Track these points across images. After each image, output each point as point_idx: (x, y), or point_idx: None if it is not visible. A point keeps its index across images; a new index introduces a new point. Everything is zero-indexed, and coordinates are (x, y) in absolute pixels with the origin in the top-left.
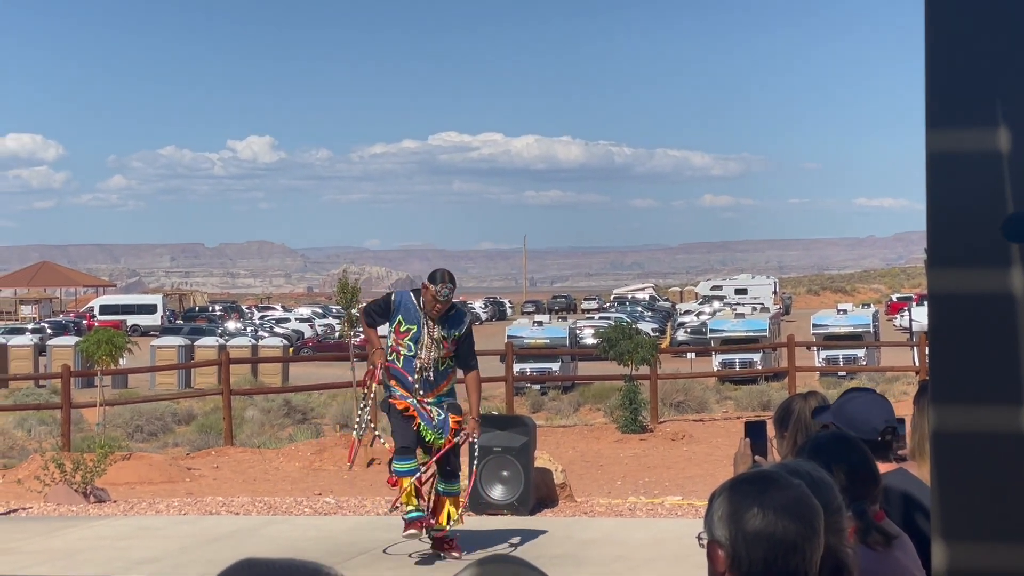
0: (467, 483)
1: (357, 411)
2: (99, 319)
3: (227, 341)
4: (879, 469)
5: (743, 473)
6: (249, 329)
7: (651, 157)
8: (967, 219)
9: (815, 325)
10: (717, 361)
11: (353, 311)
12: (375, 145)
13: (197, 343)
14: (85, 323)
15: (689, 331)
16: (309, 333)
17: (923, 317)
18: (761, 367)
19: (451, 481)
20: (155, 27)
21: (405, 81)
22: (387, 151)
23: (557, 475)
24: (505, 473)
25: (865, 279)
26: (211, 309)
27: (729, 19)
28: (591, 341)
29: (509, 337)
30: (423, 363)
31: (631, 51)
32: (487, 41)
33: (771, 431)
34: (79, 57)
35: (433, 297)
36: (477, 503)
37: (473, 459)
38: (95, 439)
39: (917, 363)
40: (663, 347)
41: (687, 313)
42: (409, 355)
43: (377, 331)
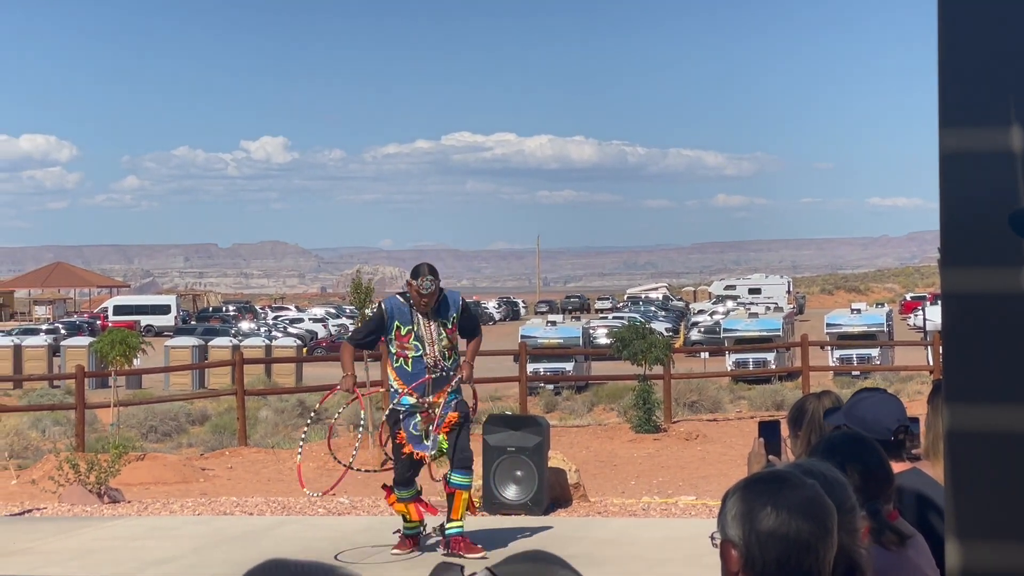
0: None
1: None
2: (113, 319)
3: (241, 341)
4: (893, 469)
5: (756, 473)
6: (263, 329)
7: (664, 157)
8: (980, 218)
9: (829, 325)
10: (731, 361)
11: (367, 311)
12: (388, 145)
13: (211, 343)
14: (99, 323)
15: (703, 331)
16: (323, 333)
17: (937, 316)
18: (775, 367)
19: (464, 472)
20: (168, 28)
21: (418, 81)
22: (400, 151)
23: (571, 475)
24: (519, 473)
25: (879, 278)
26: (225, 309)
27: (743, 18)
28: (604, 341)
29: (522, 337)
30: (431, 358)
31: (644, 50)
32: (500, 41)
33: (785, 431)
34: (92, 58)
35: (417, 292)
36: (491, 503)
37: (452, 396)
38: (109, 439)
39: (931, 362)
40: (676, 347)
41: (701, 313)
42: (417, 355)
43: (354, 352)
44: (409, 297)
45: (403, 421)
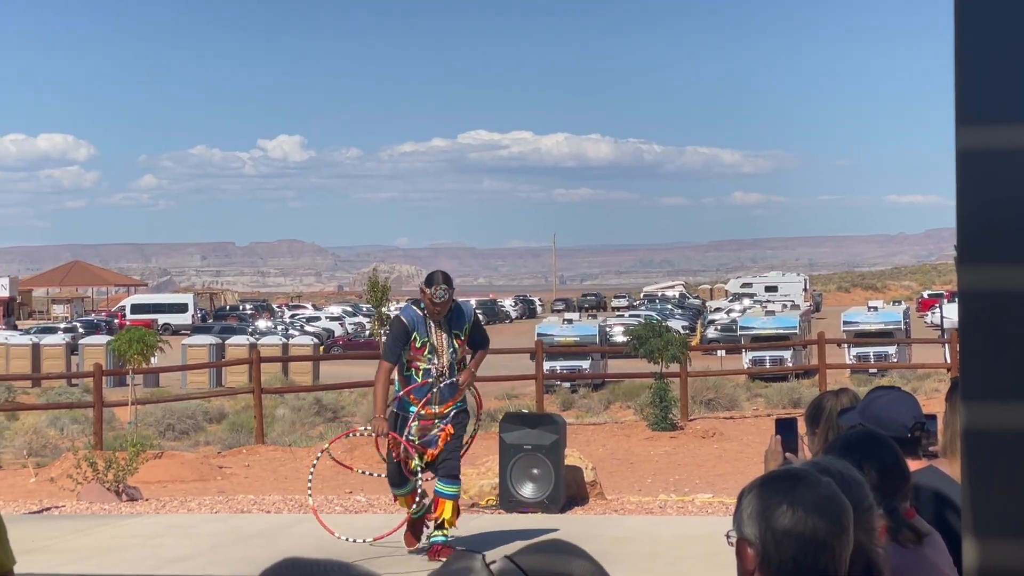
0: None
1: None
2: (130, 318)
3: (258, 340)
4: (909, 466)
5: (772, 471)
6: (280, 328)
7: (681, 154)
8: (998, 216)
9: (846, 322)
10: (747, 359)
11: (384, 310)
12: (405, 144)
13: (228, 342)
14: (117, 322)
15: (719, 329)
16: (339, 332)
17: (954, 314)
18: (791, 364)
19: (450, 482)
20: (185, 27)
21: (434, 80)
22: (416, 149)
23: (587, 473)
24: (535, 471)
25: (896, 276)
26: (242, 308)
27: (761, 15)
28: (621, 339)
29: (539, 335)
30: (439, 369)
31: (661, 48)
32: (516, 39)
33: (802, 428)
34: (109, 58)
35: (431, 300)
36: (508, 501)
37: (455, 407)
38: (127, 438)
39: (948, 360)
40: (693, 345)
41: (717, 311)
42: (427, 367)
43: (390, 374)
44: (423, 305)
45: (400, 428)
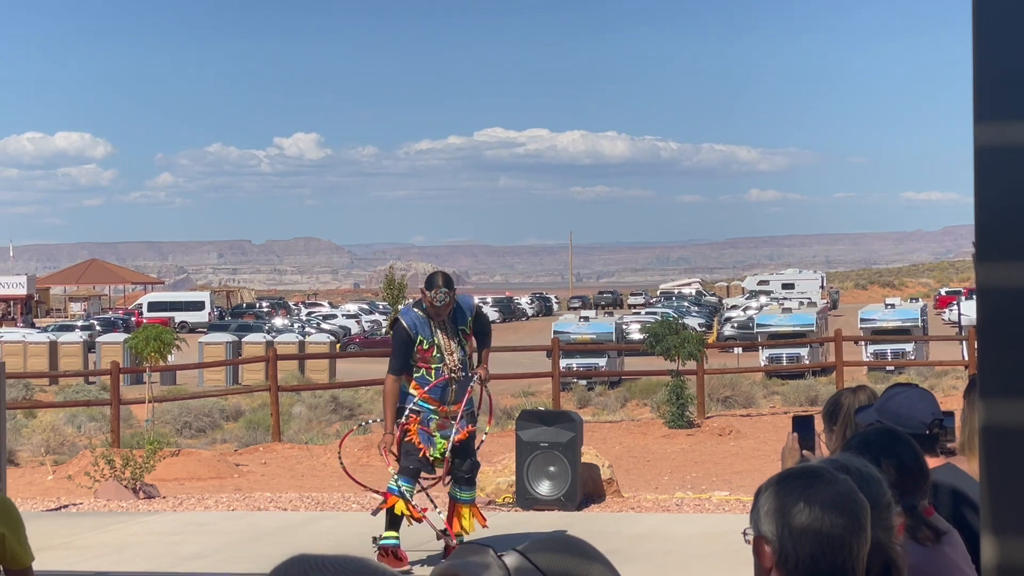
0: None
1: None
2: (147, 316)
3: (274, 338)
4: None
5: (789, 468)
6: (296, 326)
7: (697, 152)
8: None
9: (863, 320)
10: (764, 356)
11: (399, 306)
12: (421, 141)
13: (245, 340)
14: (134, 320)
15: (736, 326)
16: (356, 329)
17: (972, 311)
18: (808, 362)
19: (467, 487)
20: (201, 25)
21: (451, 77)
22: (433, 147)
23: (604, 470)
24: (552, 469)
25: (913, 273)
26: (258, 306)
27: (775, 13)
28: (637, 336)
29: (555, 333)
30: (450, 367)
31: (677, 45)
32: (532, 37)
33: (819, 426)
34: (126, 56)
35: (431, 303)
36: (524, 498)
37: (468, 406)
38: (144, 435)
39: (966, 357)
40: (710, 342)
41: (734, 308)
42: (439, 367)
43: (399, 386)
44: (424, 306)
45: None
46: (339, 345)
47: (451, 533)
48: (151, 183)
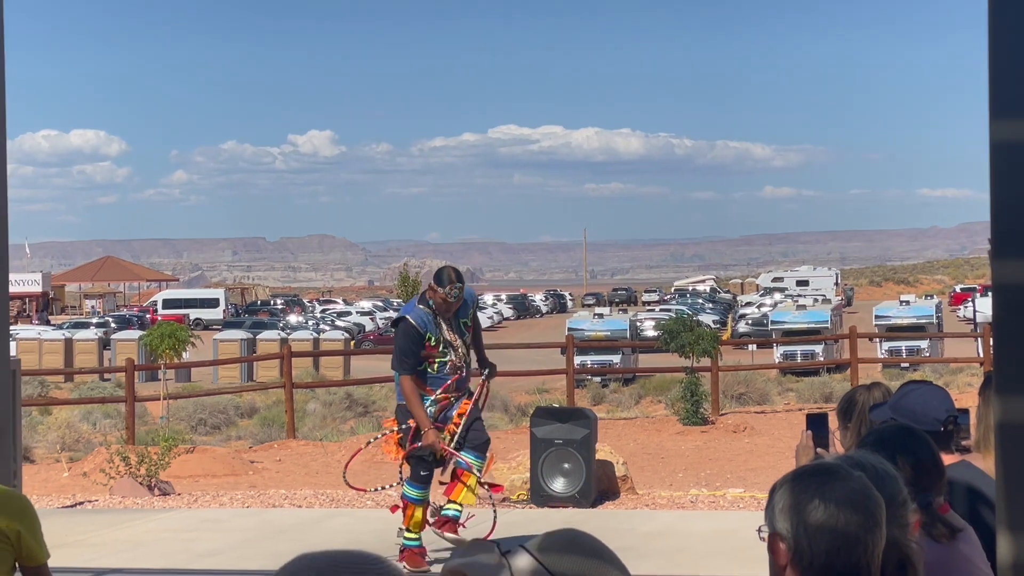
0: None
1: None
2: (162, 313)
3: (289, 335)
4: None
5: (804, 466)
6: (311, 323)
7: (711, 149)
8: None
9: (877, 316)
10: (779, 353)
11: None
12: (435, 139)
13: (259, 337)
14: (148, 317)
15: (750, 323)
16: (370, 326)
17: (987, 308)
18: (823, 359)
19: (478, 454)
20: (216, 23)
21: (465, 74)
22: (447, 144)
23: (618, 467)
24: (566, 465)
25: (928, 270)
26: (273, 303)
27: (789, 8)
28: (652, 333)
29: (570, 329)
30: (455, 363)
31: (689, 41)
32: (545, 34)
33: (833, 423)
34: (141, 54)
35: (444, 300)
36: (539, 495)
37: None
38: (159, 432)
39: (981, 354)
40: (724, 339)
41: (748, 305)
42: (443, 360)
43: (417, 389)
44: (431, 303)
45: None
46: (353, 342)
47: (448, 495)
48: (166, 180)
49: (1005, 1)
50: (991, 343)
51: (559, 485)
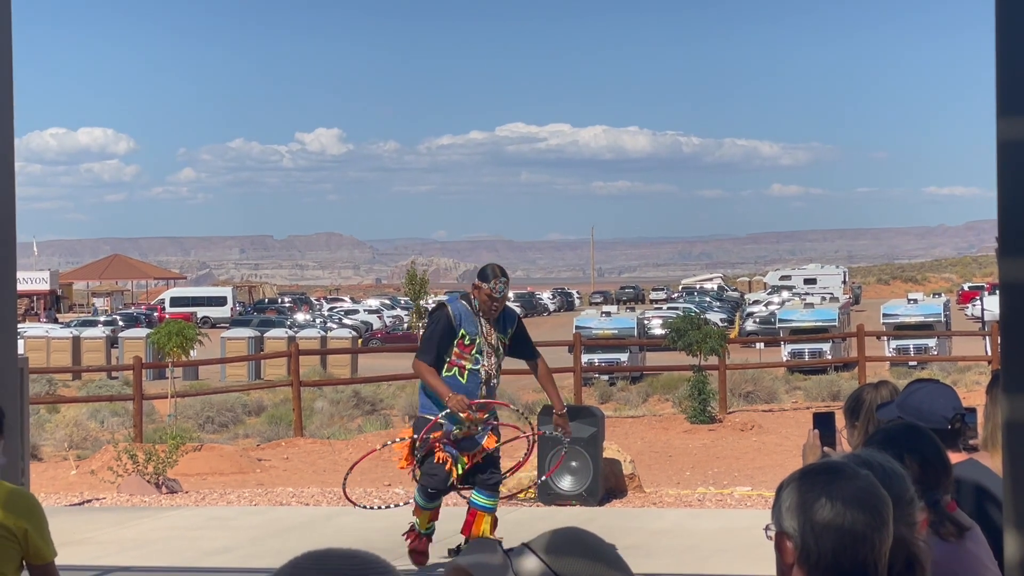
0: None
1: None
2: (170, 311)
3: (296, 333)
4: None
5: (811, 464)
6: (318, 321)
7: (719, 147)
8: None
9: (885, 315)
10: (786, 351)
11: (422, 303)
12: (443, 137)
13: (267, 335)
14: (156, 315)
15: (758, 321)
16: (378, 324)
17: (995, 306)
18: (831, 357)
19: (489, 495)
20: (222, 22)
21: (472, 72)
22: (455, 142)
23: (626, 465)
24: (574, 464)
25: (936, 268)
26: (280, 301)
27: (797, 7)
28: (659, 331)
29: (577, 328)
30: (487, 370)
31: (697, 40)
32: (553, 32)
33: (840, 422)
34: (149, 52)
35: (489, 296)
36: (546, 494)
37: (562, 450)
38: (167, 430)
39: (989, 352)
40: (732, 337)
41: (756, 303)
42: (475, 368)
43: (437, 371)
44: (475, 302)
45: (443, 435)
46: (361, 340)
47: (465, 535)
48: (173, 178)
49: (1012, 1)
50: (999, 341)
51: (566, 483)
